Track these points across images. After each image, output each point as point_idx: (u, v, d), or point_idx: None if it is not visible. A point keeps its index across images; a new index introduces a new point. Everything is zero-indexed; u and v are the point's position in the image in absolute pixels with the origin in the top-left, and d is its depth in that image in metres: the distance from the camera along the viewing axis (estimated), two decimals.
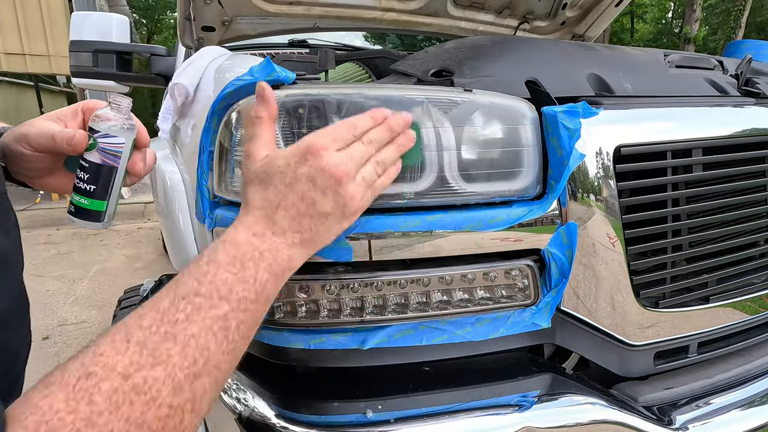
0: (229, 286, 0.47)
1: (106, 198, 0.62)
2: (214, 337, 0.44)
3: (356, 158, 0.55)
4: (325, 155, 0.53)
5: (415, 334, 0.72)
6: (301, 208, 0.53)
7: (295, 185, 0.53)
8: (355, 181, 0.55)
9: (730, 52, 7.51)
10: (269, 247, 0.51)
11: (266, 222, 0.52)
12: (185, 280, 0.47)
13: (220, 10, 1.69)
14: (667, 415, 0.76)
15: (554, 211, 0.71)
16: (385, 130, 0.59)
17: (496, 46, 0.87)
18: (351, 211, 0.55)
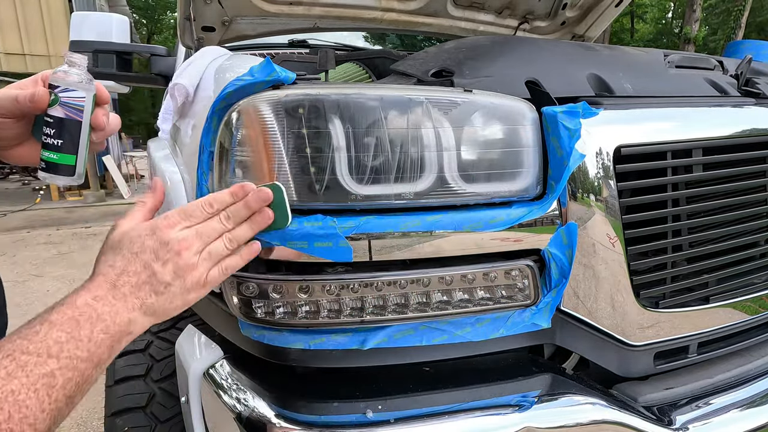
0: (60, 345, 0.48)
1: (74, 152, 0.64)
2: (36, 394, 0.45)
3: (204, 234, 0.59)
4: (169, 231, 0.58)
5: (415, 335, 0.72)
6: (142, 277, 0.56)
7: (141, 255, 0.57)
8: (199, 255, 0.59)
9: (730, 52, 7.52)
10: (109, 310, 0.53)
11: (108, 287, 0.55)
12: (14, 338, 0.48)
13: (220, 10, 1.69)
14: (667, 415, 0.76)
15: (554, 211, 0.71)
16: (242, 208, 0.61)
17: (496, 46, 0.87)
18: (192, 283, 0.58)
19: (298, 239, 0.63)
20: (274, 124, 0.63)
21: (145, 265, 0.56)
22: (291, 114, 0.63)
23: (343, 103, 0.63)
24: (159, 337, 1.30)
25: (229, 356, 0.82)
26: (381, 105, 0.64)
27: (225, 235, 0.61)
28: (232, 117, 0.67)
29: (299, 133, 0.63)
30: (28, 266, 4.03)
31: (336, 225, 0.64)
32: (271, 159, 0.63)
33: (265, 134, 0.63)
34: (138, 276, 0.56)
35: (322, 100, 0.63)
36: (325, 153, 0.63)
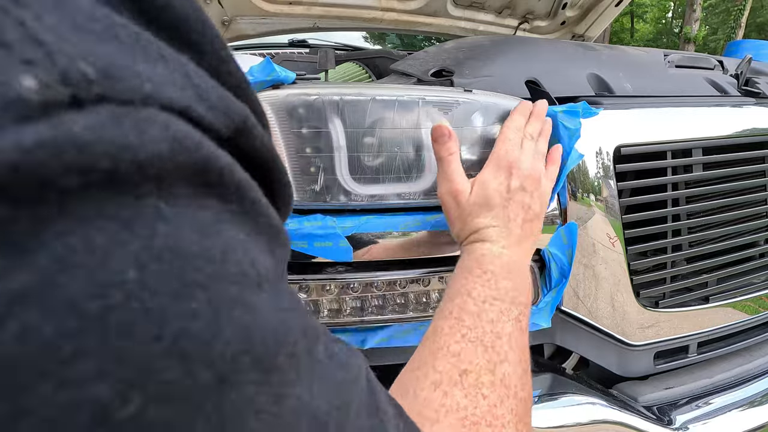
0: (512, 293, 0.50)
1: None
2: (521, 335, 0.49)
3: (535, 155, 0.62)
4: (522, 165, 0.60)
5: (415, 334, 0.72)
6: (523, 216, 0.58)
7: (514, 197, 0.58)
8: (544, 179, 0.62)
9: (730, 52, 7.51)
10: (518, 258, 0.56)
11: (506, 234, 0.56)
12: (473, 285, 0.50)
13: (220, 10, 1.69)
14: (667, 415, 0.76)
15: (554, 211, 0.71)
16: (537, 122, 0.65)
17: (496, 46, 0.87)
18: (546, 200, 0.62)
19: (298, 239, 0.63)
20: (273, 124, 0.63)
21: (521, 204, 0.58)
22: (291, 114, 0.63)
23: (343, 103, 0.63)
24: None
25: None
26: (381, 105, 0.64)
27: (537, 155, 0.63)
28: None
29: (299, 132, 0.63)
30: None
31: (336, 225, 0.64)
32: None
33: None
34: (521, 217, 0.58)
35: (322, 100, 0.63)
36: (325, 153, 0.63)
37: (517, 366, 0.45)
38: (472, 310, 0.47)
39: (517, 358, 0.46)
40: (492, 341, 0.45)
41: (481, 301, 0.48)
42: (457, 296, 0.49)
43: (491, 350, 0.44)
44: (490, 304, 0.48)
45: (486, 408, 0.39)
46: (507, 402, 0.41)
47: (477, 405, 0.39)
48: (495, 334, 0.46)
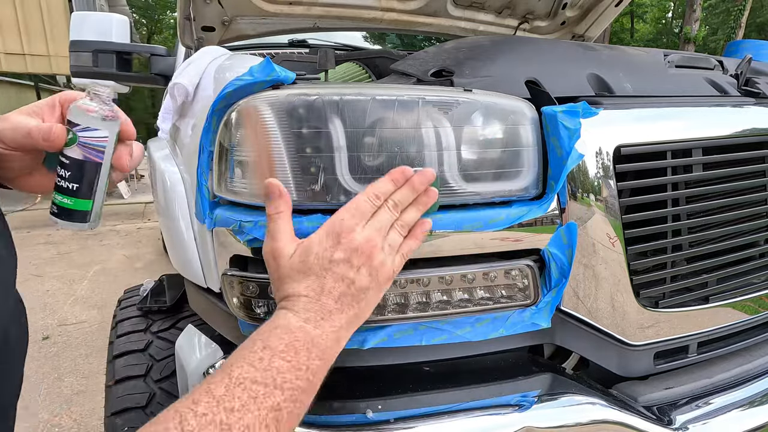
0: (283, 376, 0.47)
1: (90, 197, 0.57)
2: (267, 429, 0.44)
3: (382, 229, 0.58)
4: (354, 236, 0.56)
5: (415, 334, 0.72)
6: (342, 289, 0.55)
7: (334, 269, 0.55)
8: (383, 250, 0.58)
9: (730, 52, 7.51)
10: (320, 333, 0.52)
11: (314, 307, 0.54)
12: (240, 364, 0.47)
13: (220, 10, 1.69)
14: (667, 415, 0.76)
15: (554, 211, 0.71)
16: (409, 192, 0.61)
17: (496, 46, 0.87)
18: (384, 279, 0.58)
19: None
20: (273, 124, 0.63)
21: (342, 277, 0.55)
22: (291, 114, 0.63)
23: (343, 103, 0.63)
24: (159, 337, 1.30)
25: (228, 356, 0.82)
26: (381, 105, 0.64)
27: (396, 224, 0.60)
28: (231, 117, 0.67)
29: (299, 133, 0.63)
30: (28, 266, 4.04)
31: None
32: (271, 159, 0.63)
33: (264, 134, 0.63)
34: (338, 290, 0.55)
35: (322, 100, 0.63)
36: (324, 153, 0.63)
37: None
38: (217, 393, 0.43)
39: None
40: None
41: (234, 384, 0.44)
42: (225, 367, 0.47)
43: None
44: (242, 389, 0.44)
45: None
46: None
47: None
48: (223, 427, 0.41)
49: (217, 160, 0.70)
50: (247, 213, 0.67)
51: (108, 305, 3.17)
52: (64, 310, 3.13)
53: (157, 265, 4.05)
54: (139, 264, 4.10)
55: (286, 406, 0.46)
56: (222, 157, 0.69)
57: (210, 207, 0.73)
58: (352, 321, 0.56)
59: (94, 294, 3.40)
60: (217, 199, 0.73)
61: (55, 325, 2.90)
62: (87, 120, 0.55)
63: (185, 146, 0.97)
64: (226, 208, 0.70)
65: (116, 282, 3.59)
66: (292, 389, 0.47)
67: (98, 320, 2.98)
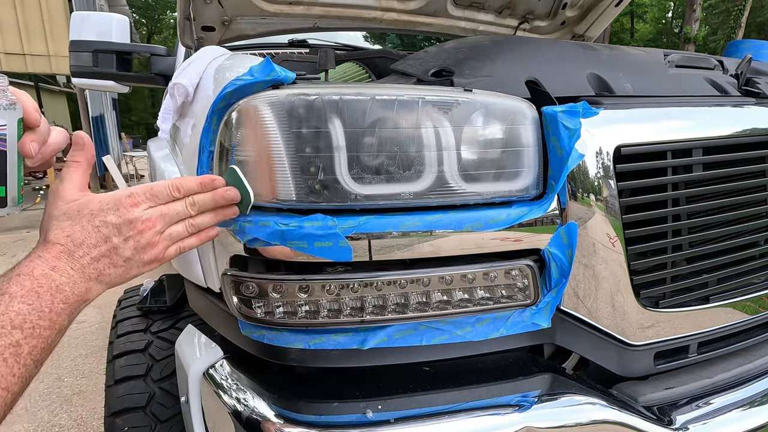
0: (23, 317, 0.49)
1: (2, 183, 0.58)
2: (5, 362, 0.47)
3: (167, 216, 0.60)
4: (134, 210, 0.58)
5: (415, 334, 0.72)
6: (102, 249, 0.57)
7: (102, 229, 0.57)
8: (160, 235, 0.60)
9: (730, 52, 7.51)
10: (67, 281, 0.54)
11: (66, 258, 0.55)
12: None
13: (220, 10, 1.69)
14: (667, 415, 0.76)
15: (554, 211, 0.71)
16: (210, 200, 0.63)
17: (496, 46, 0.87)
18: (150, 258, 0.60)
19: (298, 239, 0.63)
20: (273, 124, 0.63)
21: (105, 238, 0.57)
22: (291, 114, 0.63)
23: (343, 103, 0.63)
24: (159, 337, 1.30)
25: (229, 356, 0.82)
26: (381, 105, 0.64)
27: (187, 220, 0.62)
28: (231, 117, 0.67)
29: (299, 132, 0.63)
30: None
31: (336, 225, 0.63)
32: (271, 159, 0.63)
33: (264, 134, 0.63)
34: (98, 249, 0.56)
35: (322, 100, 0.63)
36: (324, 153, 0.63)
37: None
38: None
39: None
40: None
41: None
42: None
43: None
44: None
45: None
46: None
47: None
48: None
49: (217, 159, 0.70)
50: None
51: (108, 305, 3.16)
52: None
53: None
54: None
55: (27, 342, 0.49)
56: (222, 156, 0.69)
57: None
58: (105, 280, 0.58)
59: None
60: None
61: None
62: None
63: (185, 146, 0.97)
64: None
65: None
66: (32, 328, 0.49)
67: (98, 320, 2.98)
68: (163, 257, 0.62)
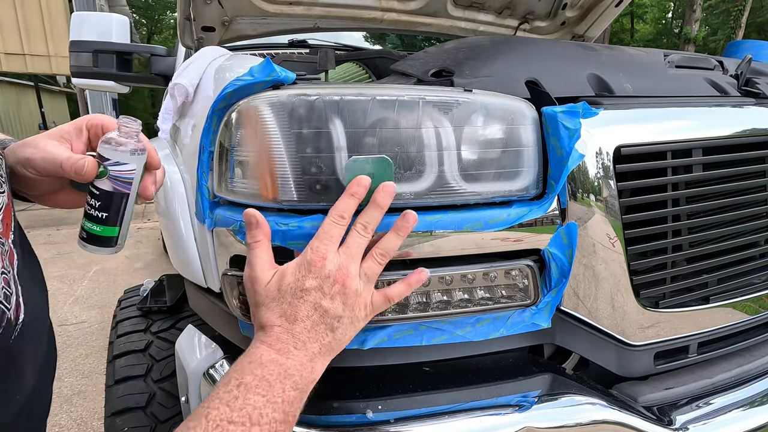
0: (260, 411, 0.48)
1: (117, 224, 0.61)
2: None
3: (353, 254, 0.58)
4: (325, 263, 0.56)
5: (415, 334, 0.72)
6: (315, 318, 0.55)
7: (306, 297, 0.55)
8: (359, 278, 0.58)
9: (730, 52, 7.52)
10: (293, 363, 0.53)
11: (287, 338, 0.54)
12: (216, 405, 0.47)
13: (220, 10, 1.69)
14: (667, 415, 0.76)
15: (554, 211, 0.71)
16: (374, 211, 0.60)
17: (496, 46, 0.87)
18: (360, 310, 0.58)
19: (298, 239, 0.63)
20: (274, 125, 0.63)
21: (315, 306, 0.55)
22: (291, 114, 0.63)
23: (344, 104, 0.63)
24: (159, 337, 1.30)
25: (229, 356, 0.82)
26: (381, 105, 0.64)
27: (374, 251, 0.60)
28: (231, 117, 0.67)
29: (299, 133, 0.63)
30: None
31: None
32: (271, 159, 0.63)
33: (264, 134, 0.63)
34: (311, 319, 0.55)
35: (323, 101, 0.63)
36: (325, 153, 0.63)
37: None
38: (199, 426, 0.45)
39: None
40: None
41: (212, 428, 0.45)
42: (202, 408, 0.48)
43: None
44: (219, 429, 0.45)
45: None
46: None
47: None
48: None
49: (217, 160, 0.70)
50: None
51: (108, 305, 3.17)
52: (64, 310, 3.13)
53: (157, 265, 4.05)
54: (138, 264, 4.10)
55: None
56: (222, 157, 0.69)
57: (210, 207, 0.73)
58: (327, 350, 0.56)
59: (94, 294, 3.40)
60: (217, 199, 0.73)
61: (55, 325, 2.90)
62: (117, 155, 0.58)
63: (185, 146, 0.97)
64: (226, 208, 0.70)
65: (116, 282, 3.59)
66: (269, 422, 0.47)
67: (98, 320, 2.98)
68: (372, 306, 0.59)
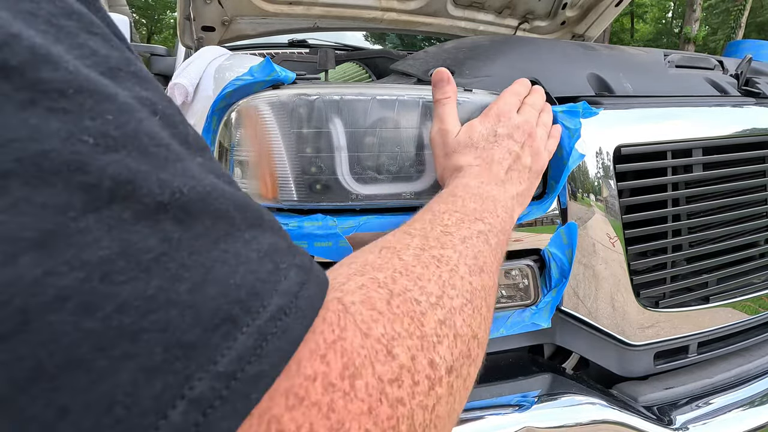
0: (479, 212, 0.46)
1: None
2: (483, 245, 0.43)
3: (531, 120, 0.60)
4: (514, 116, 0.59)
5: None
6: (510, 162, 0.56)
7: (500, 142, 0.57)
8: (539, 137, 0.60)
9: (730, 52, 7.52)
10: (497, 194, 0.52)
11: (487, 174, 0.54)
12: (433, 206, 0.46)
13: (220, 10, 1.69)
14: (667, 415, 0.76)
15: (554, 211, 0.71)
16: (538, 96, 0.65)
17: (496, 46, 0.87)
18: (538, 168, 0.60)
19: (298, 239, 0.63)
20: (273, 124, 0.63)
21: (508, 150, 0.56)
22: (291, 114, 0.63)
23: (344, 103, 0.63)
24: None
25: None
26: (382, 105, 0.64)
27: (540, 121, 0.62)
28: (231, 117, 0.67)
29: (299, 132, 0.63)
30: None
31: (336, 225, 0.64)
32: (271, 159, 0.63)
33: (264, 134, 0.63)
34: (507, 162, 0.55)
35: (323, 100, 0.63)
36: (325, 153, 0.63)
37: (463, 258, 0.39)
38: (425, 218, 0.44)
39: (469, 253, 0.40)
40: (437, 235, 0.40)
41: (440, 212, 0.44)
42: (409, 222, 0.46)
43: (433, 240, 0.40)
44: (449, 215, 0.44)
45: (401, 264, 0.35)
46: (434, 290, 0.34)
47: (388, 261, 0.35)
48: (443, 232, 0.41)
49: (217, 160, 0.70)
50: None
51: None
52: None
53: None
54: None
55: (491, 236, 0.45)
56: (222, 157, 0.69)
57: None
58: (521, 199, 0.56)
59: None
60: None
61: None
62: None
63: None
64: None
65: None
66: (490, 224, 0.46)
67: None
68: (545, 162, 0.61)
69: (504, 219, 0.49)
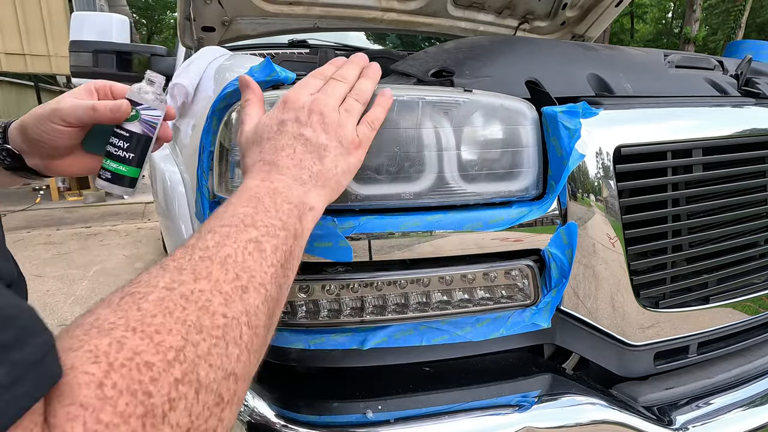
0: (251, 217, 0.45)
1: (140, 165, 0.68)
2: (251, 256, 0.42)
3: (330, 94, 0.58)
4: (299, 98, 0.57)
5: (415, 335, 0.72)
6: (297, 147, 0.54)
7: (283, 128, 0.55)
8: (338, 113, 0.57)
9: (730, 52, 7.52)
10: (281, 185, 0.50)
11: (269, 168, 0.52)
12: (205, 224, 0.45)
13: (220, 10, 1.69)
14: (667, 416, 0.76)
15: (554, 211, 0.71)
16: (351, 66, 0.62)
17: (496, 46, 0.87)
18: (347, 141, 0.56)
19: None
20: None
21: (294, 135, 0.54)
22: None
23: None
24: None
25: None
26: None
27: (350, 93, 0.60)
28: (231, 117, 0.67)
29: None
30: (28, 266, 4.04)
31: (336, 225, 0.64)
32: None
33: None
34: (293, 147, 0.54)
35: None
36: None
37: (221, 284, 0.38)
38: (189, 243, 0.42)
39: (228, 277, 0.39)
40: (193, 265, 0.39)
41: (203, 234, 0.43)
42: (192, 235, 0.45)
43: (187, 273, 0.38)
44: (212, 234, 0.43)
45: (137, 318, 0.33)
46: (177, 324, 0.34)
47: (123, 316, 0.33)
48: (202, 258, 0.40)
49: (217, 160, 0.70)
50: None
51: None
52: (64, 310, 3.13)
53: None
54: (139, 264, 4.10)
55: (266, 240, 0.44)
56: (222, 157, 0.69)
57: (210, 207, 0.73)
58: (319, 180, 0.53)
59: (94, 294, 3.40)
60: (217, 199, 0.73)
61: (55, 326, 2.90)
62: (146, 100, 0.67)
63: (185, 146, 0.97)
64: None
65: (116, 282, 3.59)
66: (266, 226, 0.45)
67: None
68: (360, 139, 0.57)
69: (288, 211, 0.48)
